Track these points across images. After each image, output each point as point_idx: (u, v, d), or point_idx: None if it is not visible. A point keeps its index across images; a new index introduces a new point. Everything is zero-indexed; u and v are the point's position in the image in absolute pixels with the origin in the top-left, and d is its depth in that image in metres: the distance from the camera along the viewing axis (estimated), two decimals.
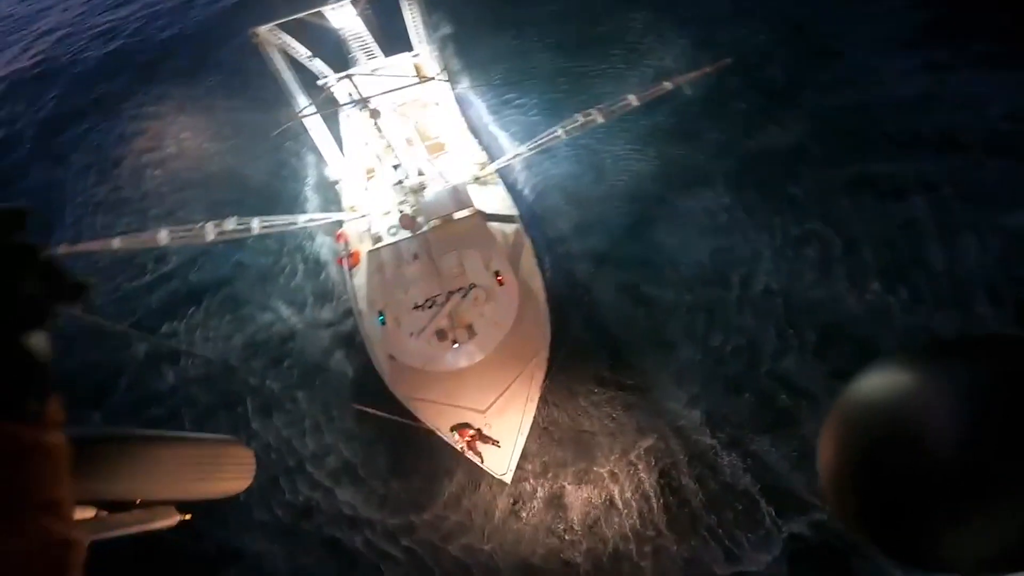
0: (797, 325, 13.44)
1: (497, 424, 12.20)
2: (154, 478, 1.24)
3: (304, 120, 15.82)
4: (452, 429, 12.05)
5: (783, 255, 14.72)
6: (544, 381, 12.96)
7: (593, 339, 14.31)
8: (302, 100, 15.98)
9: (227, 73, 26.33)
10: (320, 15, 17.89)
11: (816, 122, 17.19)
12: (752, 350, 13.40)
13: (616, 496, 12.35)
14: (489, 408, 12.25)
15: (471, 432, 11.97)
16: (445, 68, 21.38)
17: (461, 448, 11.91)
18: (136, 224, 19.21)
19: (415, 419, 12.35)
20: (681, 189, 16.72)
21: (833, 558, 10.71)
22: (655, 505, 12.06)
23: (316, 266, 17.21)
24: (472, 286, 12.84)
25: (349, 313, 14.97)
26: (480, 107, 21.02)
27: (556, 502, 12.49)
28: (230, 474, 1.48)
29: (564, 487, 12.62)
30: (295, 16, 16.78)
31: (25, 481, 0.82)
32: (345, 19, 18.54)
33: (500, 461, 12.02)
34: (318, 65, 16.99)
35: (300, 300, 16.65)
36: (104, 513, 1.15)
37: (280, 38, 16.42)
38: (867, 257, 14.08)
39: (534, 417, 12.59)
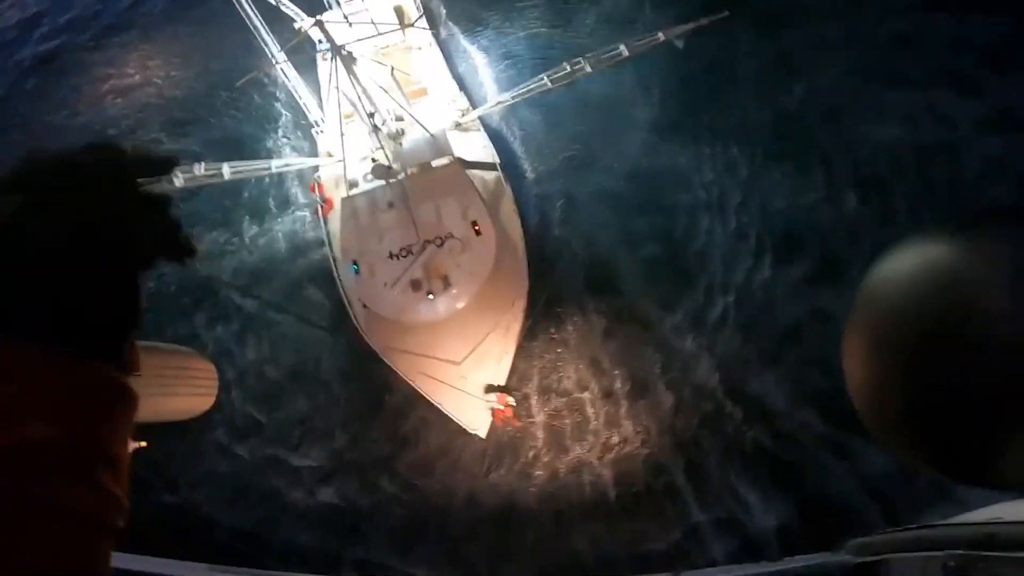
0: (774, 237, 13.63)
1: (472, 376, 12.08)
2: None
3: (277, 64, 15.01)
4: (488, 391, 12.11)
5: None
6: (521, 332, 12.81)
7: (574, 287, 14.09)
8: (272, 46, 15.08)
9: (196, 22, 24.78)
10: None
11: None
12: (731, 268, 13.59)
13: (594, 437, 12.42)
14: (464, 360, 12.11)
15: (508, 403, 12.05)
16: (428, 11, 20.56)
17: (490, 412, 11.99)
18: None
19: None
20: (666, 132, 16.35)
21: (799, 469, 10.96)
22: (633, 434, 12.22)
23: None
24: (449, 236, 12.53)
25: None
26: (466, 53, 20.12)
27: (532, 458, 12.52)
28: (193, 390, 1.31)
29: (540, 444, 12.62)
30: None
31: (106, 428, 0.80)
32: None
33: (474, 416, 11.95)
34: (291, 7, 15.95)
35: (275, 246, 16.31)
36: None
37: None
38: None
39: (510, 369, 12.51)
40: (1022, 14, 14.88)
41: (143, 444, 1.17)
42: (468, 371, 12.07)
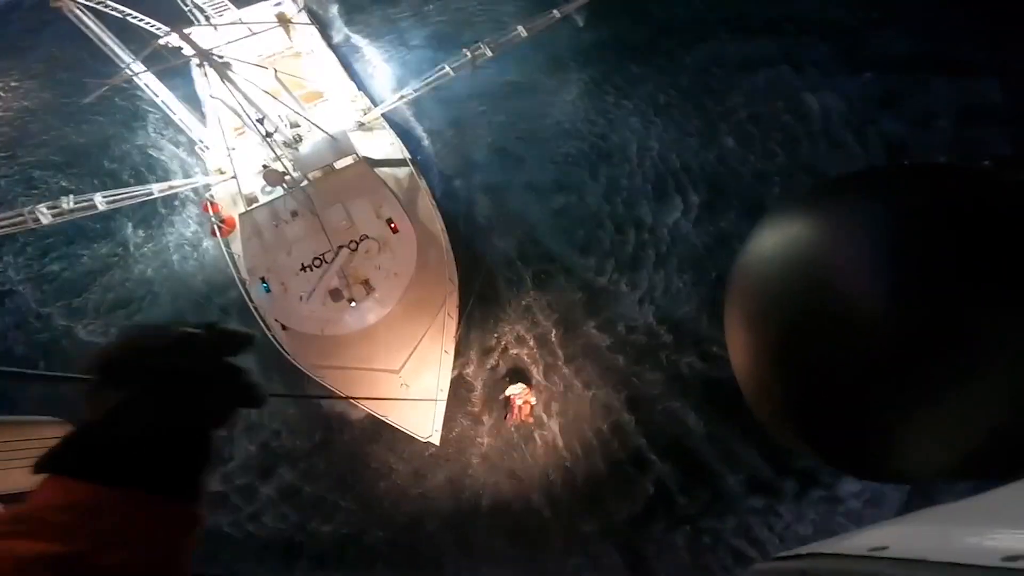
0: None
1: (415, 383, 11.15)
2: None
3: (142, 79, 13.49)
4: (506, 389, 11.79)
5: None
6: (458, 329, 12.01)
7: (507, 272, 13.53)
8: (128, 58, 13.59)
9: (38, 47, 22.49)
10: None
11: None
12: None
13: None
14: (403, 366, 11.17)
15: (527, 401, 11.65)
16: (314, 15, 19.59)
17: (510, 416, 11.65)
18: None
19: (326, 390, 11.10)
20: (572, 106, 16.44)
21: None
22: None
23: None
24: (364, 237, 11.55)
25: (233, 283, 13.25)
26: (361, 54, 19.27)
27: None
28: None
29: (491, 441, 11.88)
30: None
31: (183, 548, 0.97)
32: None
33: (423, 422, 11.01)
34: (146, 24, 14.46)
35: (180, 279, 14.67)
36: None
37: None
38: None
39: (452, 367, 11.69)
40: None
41: None
42: (409, 377, 11.13)
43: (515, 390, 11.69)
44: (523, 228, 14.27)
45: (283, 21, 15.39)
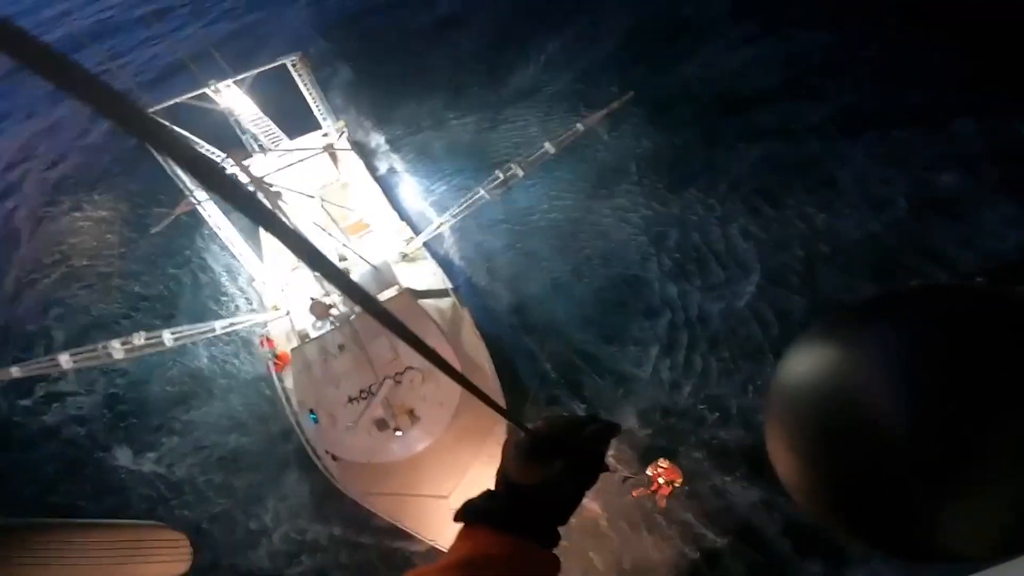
0: None
1: None
2: (64, 567, 1.20)
3: (206, 210, 14.74)
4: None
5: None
6: None
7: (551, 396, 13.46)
8: (188, 184, 14.91)
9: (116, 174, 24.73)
10: (205, 98, 16.54)
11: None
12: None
13: None
14: (453, 493, 10.98)
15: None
16: (359, 145, 21.17)
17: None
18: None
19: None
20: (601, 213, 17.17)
21: None
22: None
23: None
24: (408, 368, 11.77)
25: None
26: (405, 182, 20.51)
27: None
28: (159, 558, 1.40)
29: None
30: (173, 100, 15.69)
31: None
32: (235, 101, 17.01)
33: None
34: (212, 152, 15.95)
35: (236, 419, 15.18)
36: None
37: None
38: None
39: None
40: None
41: None
42: (458, 502, 10.86)
43: (662, 467, 11.63)
44: (565, 353, 14.39)
45: (328, 150, 16.63)
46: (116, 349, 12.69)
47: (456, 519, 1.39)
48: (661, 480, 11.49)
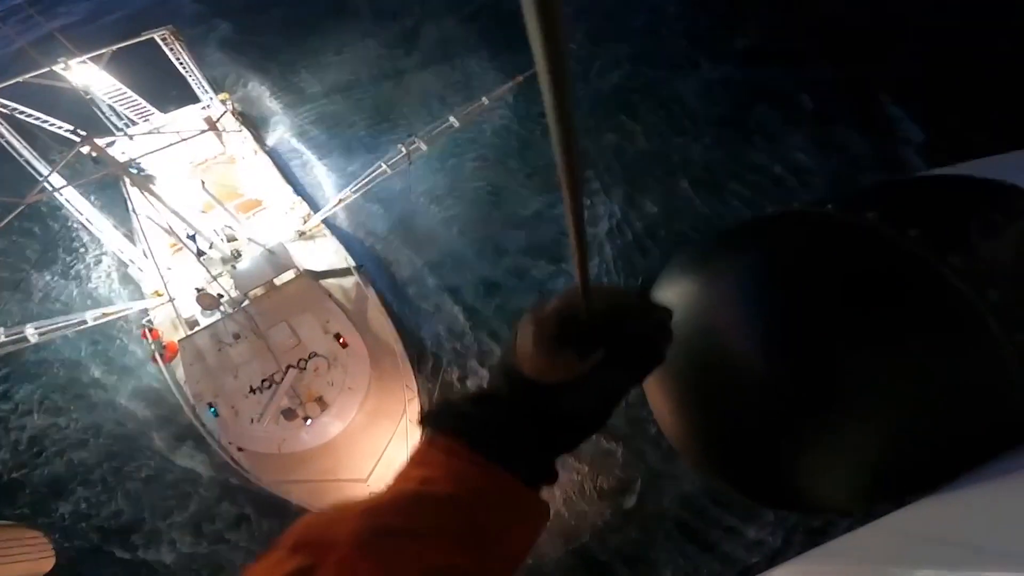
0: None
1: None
2: None
3: (62, 195, 13.06)
4: None
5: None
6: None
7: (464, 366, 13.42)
8: (41, 167, 13.24)
9: None
10: (53, 75, 14.85)
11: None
12: None
13: None
14: (371, 475, 10.84)
15: None
16: (249, 119, 19.66)
17: None
18: None
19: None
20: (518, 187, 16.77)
21: None
22: None
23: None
24: (312, 355, 11.31)
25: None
26: (301, 158, 19.25)
27: None
28: (22, 557, 1.68)
29: None
30: (15, 79, 13.94)
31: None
32: (91, 78, 15.55)
33: None
34: (63, 131, 14.14)
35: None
36: None
37: (6, 106, 13.62)
38: None
39: None
40: None
41: None
42: (376, 485, 10.78)
43: None
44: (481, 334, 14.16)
45: (212, 125, 15.26)
46: None
47: (421, 424, 0.96)
48: None
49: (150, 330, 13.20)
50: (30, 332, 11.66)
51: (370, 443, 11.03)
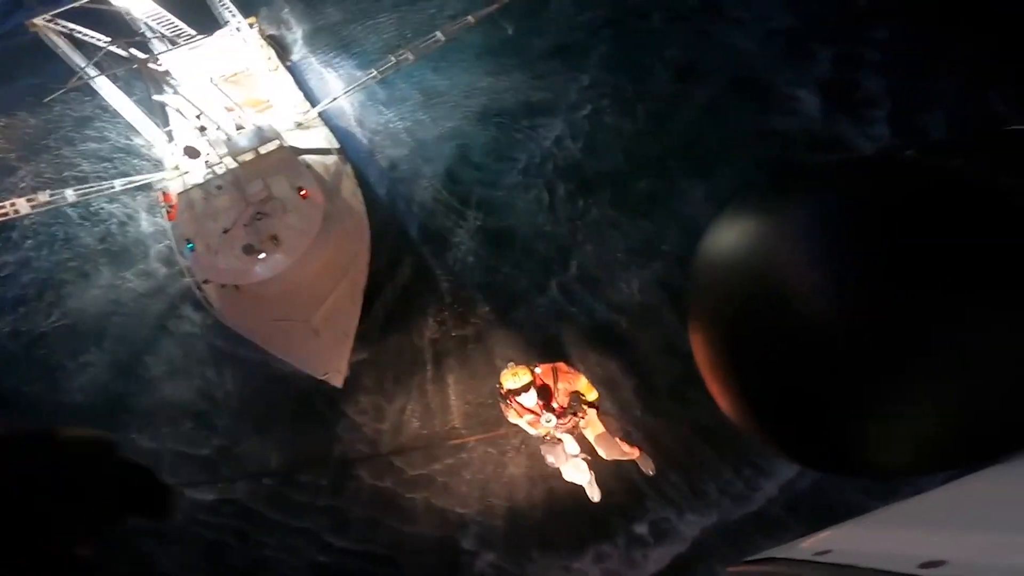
0: None
1: (325, 330, 12.36)
2: None
3: (97, 83, 15.83)
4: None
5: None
6: (366, 288, 13.25)
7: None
8: (79, 60, 16.07)
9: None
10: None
11: None
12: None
13: None
14: (316, 316, 12.43)
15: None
16: (277, 39, 21.96)
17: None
18: None
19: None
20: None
21: None
22: None
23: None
24: (271, 199, 13.16)
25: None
26: (316, 70, 21.33)
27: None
28: None
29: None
30: (72, 5, 16.24)
31: None
32: (131, 2, 17.40)
33: (328, 363, 12.07)
34: (117, 49, 16.82)
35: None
36: None
37: (63, 26, 16.25)
38: None
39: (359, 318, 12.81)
40: None
41: None
42: (320, 325, 12.34)
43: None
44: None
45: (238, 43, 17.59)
46: (22, 205, 14.17)
47: None
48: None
49: (164, 194, 15.68)
50: (69, 193, 14.45)
51: (317, 286, 12.65)
